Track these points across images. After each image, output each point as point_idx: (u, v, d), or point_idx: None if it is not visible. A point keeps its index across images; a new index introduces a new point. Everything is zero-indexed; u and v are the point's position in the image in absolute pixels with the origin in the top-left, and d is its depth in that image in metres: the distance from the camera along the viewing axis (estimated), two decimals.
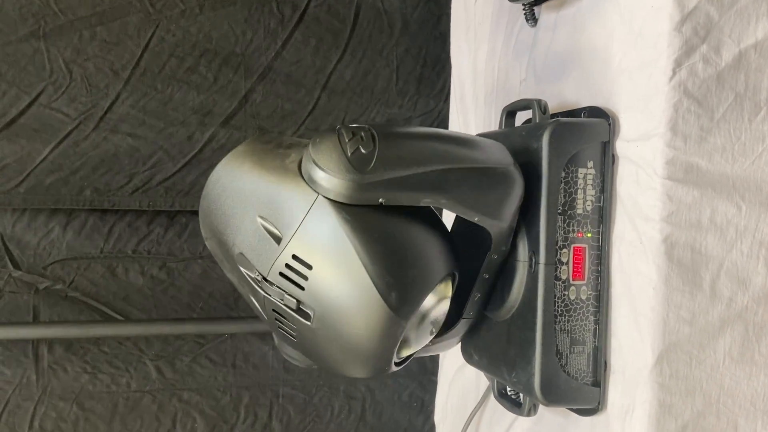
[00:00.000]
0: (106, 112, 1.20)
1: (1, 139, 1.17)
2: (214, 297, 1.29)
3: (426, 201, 0.67)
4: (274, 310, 0.68)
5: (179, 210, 1.27)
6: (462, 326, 0.82)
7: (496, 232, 0.74)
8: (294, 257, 0.65)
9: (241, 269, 0.69)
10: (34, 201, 1.20)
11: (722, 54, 0.67)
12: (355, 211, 0.64)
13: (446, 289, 0.72)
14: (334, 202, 0.64)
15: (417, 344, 0.73)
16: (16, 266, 1.21)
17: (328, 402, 1.34)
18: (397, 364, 0.73)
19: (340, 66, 1.30)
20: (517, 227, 0.76)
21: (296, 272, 0.65)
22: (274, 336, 0.76)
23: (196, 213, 1.28)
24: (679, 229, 0.68)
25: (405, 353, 0.73)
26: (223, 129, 1.25)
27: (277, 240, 0.65)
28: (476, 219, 0.71)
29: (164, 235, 1.27)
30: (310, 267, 0.64)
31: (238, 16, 1.24)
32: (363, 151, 0.63)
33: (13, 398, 1.19)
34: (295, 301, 0.65)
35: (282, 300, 0.66)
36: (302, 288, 0.65)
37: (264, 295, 0.68)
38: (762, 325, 0.70)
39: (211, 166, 1.24)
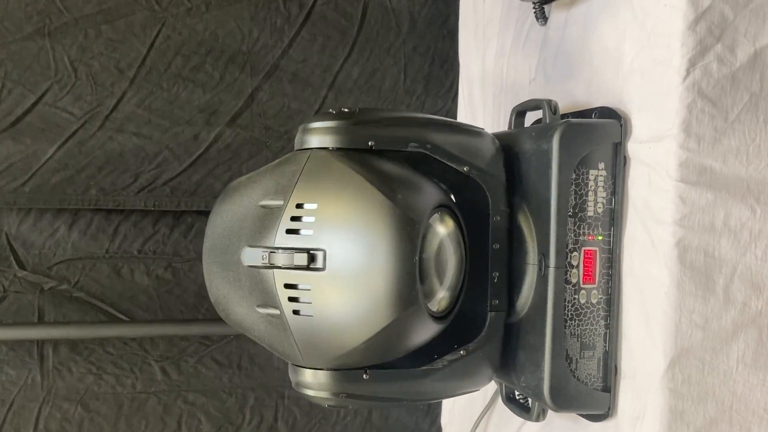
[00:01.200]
0: (111, 111, 1.20)
1: (7, 138, 1.16)
2: None
3: (413, 145, 0.71)
4: (285, 285, 0.68)
5: (185, 210, 1.26)
6: (496, 322, 0.78)
7: (490, 187, 0.76)
8: (298, 206, 0.67)
9: (247, 265, 0.70)
10: (39, 200, 1.20)
11: (737, 54, 0.66)
12: (350, 154, 0.69)
13: (447, 221, 0.73)
14: (327, 151, 0.69)
15: (440, 284, 0.72)
16: (21, 266, 1.21)
17: None
18: (437, 318, 0.72)
19: (347, 64, 1.29)
20: (526, 229, 0.75)
21: (303, 216, 0.67)
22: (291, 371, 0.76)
23: (201, 213, 1.28)
24: (692, 233, 0.66)
25: (436, 297, 0.72)
26: (229, 128, 1.25)
27: (280, 207, 0.68)
28: (465, 169, 0.74)
29: (170, 235, 1.27)
30: (315, 204, 0.67)
31: (245, 14, 1.24)
32: (346, 110, 0.71)
33: (18, 399, 1.19)
34: (306, 255, 0.66)
35: (293, 262, 0.66)
36: (311, 230, 0.67)
37: (273, 276, 0.68)
38: None
39: (218, 166, 1.26)
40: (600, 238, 0.72)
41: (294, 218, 0.67)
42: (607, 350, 0.73)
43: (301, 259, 0.66)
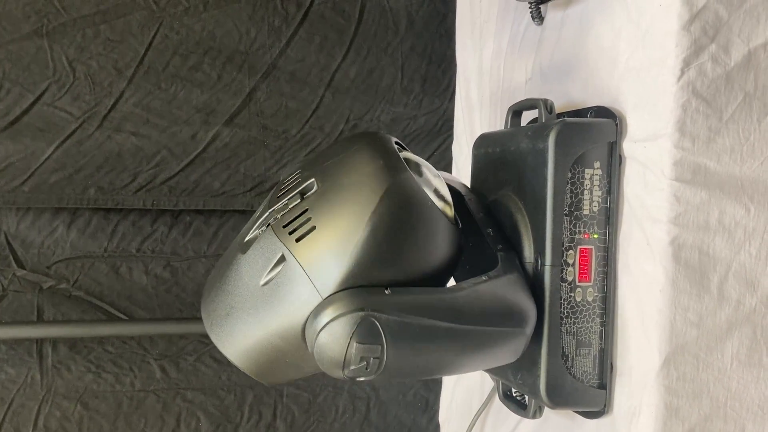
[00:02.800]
0: (109, 111, 1.20)
1: (5, 138, 1.17)
2: None
3: None
4: (284, 226, 0.67)
5: (183, 209, 1.27)
6: (508, 258, 0.75)
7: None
8: (279, 197, 0.70)
9: (246, 242, 0.70)
10: (38, 200, 1.20)
11: (731, 53, 0.66)
12: None
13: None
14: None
15: (434, 180, 0.72)
16: (20, 265, 1.21)
17: (332, 401, 1.33)
18: (439, 210, 0.70)
19: (344, 64, 1.29)
20: (523, 228, 0.76)
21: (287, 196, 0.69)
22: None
23: (199, 212, 1.28)
24: (687, 231, 0.67)
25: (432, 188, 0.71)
26: (227, 128, 1.25)
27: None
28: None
29: (168, 234, 1.27)
30: (297, 172, 0.71)
31: (242, 13, 1.24)
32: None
33: (17, 398, 1.19)
34: (298, 195, 0.68)
35: (288, 205, 0.68)
36: (298, 189, 0.68)
37: (271, 228, 0.68)
38: None
39: (216, 165, 1.26)
40: (596, 236, 0.73)
41: (284, 180, 0.71)
42: (602, 348, 0.73)
43: (296, 198, 0.68)
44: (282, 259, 0.66)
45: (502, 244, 0.77)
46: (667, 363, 0.67)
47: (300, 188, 0.69)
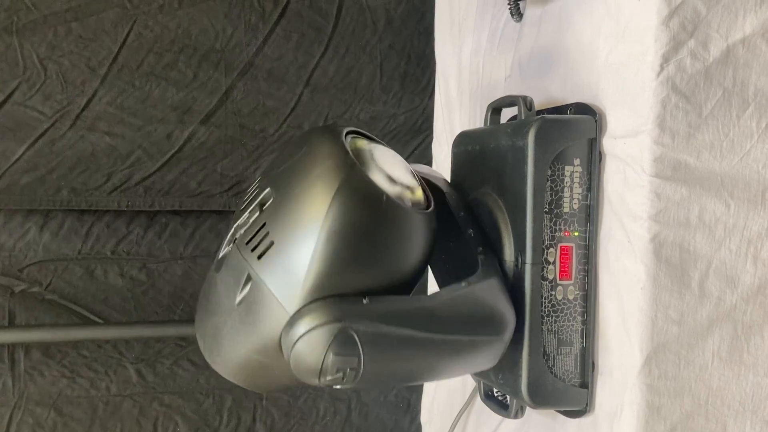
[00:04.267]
0: (82, 110, 1.18)
1: None
2: (195, 298, 1.27)
3: None
4: (246, 243, 0.66)
5: (159, 210, 1.25)
6: (488, 261, 0.73)
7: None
8: (242, 210, 0.69)
9: (219, 261, 0.70)
10: (8, 201, 1.17)
11: (710, 49, 0.66)
12: None
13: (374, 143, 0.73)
14: None
15: (388, 164, 0.68)
16: None
17: (313, 404, 1.32)
18: (398, 204, 0.66)
19: (322, 62, 1.28)
20: (503, 226, 0.75)
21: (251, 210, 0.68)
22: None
23: (176, 213, 1.26)
24: (668, 228, 0.67)
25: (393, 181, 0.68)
26: (203, 126, 1.23)
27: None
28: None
29: (144, 236, 1.25)
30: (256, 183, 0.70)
31: (218, 11, 1.22)
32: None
33: None
34: (257, 206, 0.67)
35: (249, 219, 0.67)
36: (258, 197, 0.68)
37: (238, 250, 0.67)
38: (751, 324, 0.69)
39: (192, 165, 1.24)
40: (576, 234, 0.72)
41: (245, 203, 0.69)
42: (584, 346, 0.73)
43: (255, 210, 0.66)
44: (249, 278, 0.65)
45: (483, 247, 0.76)
46: (648, 361, 0.67)
47: (259, 199, 0.67)
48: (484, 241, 0.76)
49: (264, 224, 0.65)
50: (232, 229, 0.70)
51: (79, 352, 1.21)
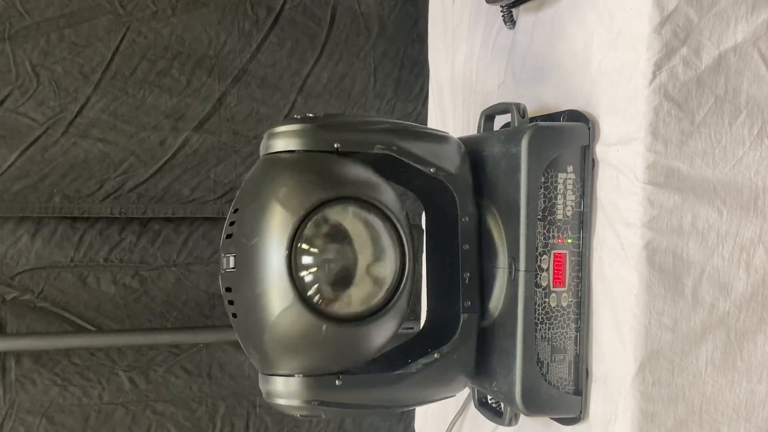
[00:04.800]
0: (75, 117, 1.17)
1: None
2: (188, 306, 1.26)
3: (379, 147, 0.71)
4: (225, 288, 0.70)
5: (152, 217, 1.24)
6: (469, 324, 0.76)
7: (457, 187, 0.76)
8: (234, 211, 0.71)
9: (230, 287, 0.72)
10: (0, 209, 1.17)
11: (702, 57, 0.66)
12: (302, 156, 0.70)
13: (358, 215, 0.71)
14: (274, 154, 0.70)
15: (339, 281, 0.68)
16: None
17: None
18: (341, 319, 0.67)
19: (316, 68, 1.28)
20: (496, 233, 0.75)
21: (234, 220, 0.70)
22: None
23: (169, 220, 1.26)
24: (661, 235, 0.67)
25: (337, 295, 0.69)
26: (196, 133, 1.23)
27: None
28: (432, 170, 0.74)
29: (137, 243, 1.25)
30: (236, 208, 0.71)
31: (212, 17, 1.22)
32: (311, 115, 0.71)
33: None
34: (233, 257, 0.68)
35: (225, 266, 0.69)
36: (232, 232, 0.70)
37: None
38: (744, 331, 0.69)
39: (185, 172, 1.24)
40: (569, 241, 0.72)
41: (231, 223, 0.70)
42: (578, 353, 0.73)
43: (229, 261, 0.68)
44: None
45: (472, 299, 0.77)
46: (642, 368, 0.67)
47: (230, 249, 0.69)
48: (478, 257, 0.77)
49: (230, 288, 0.69)
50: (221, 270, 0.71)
51: (71, 360, 1.20)
